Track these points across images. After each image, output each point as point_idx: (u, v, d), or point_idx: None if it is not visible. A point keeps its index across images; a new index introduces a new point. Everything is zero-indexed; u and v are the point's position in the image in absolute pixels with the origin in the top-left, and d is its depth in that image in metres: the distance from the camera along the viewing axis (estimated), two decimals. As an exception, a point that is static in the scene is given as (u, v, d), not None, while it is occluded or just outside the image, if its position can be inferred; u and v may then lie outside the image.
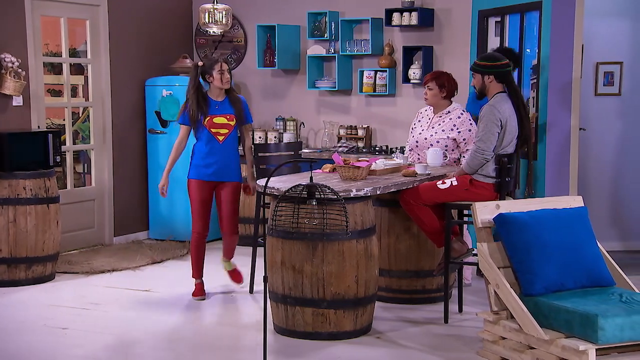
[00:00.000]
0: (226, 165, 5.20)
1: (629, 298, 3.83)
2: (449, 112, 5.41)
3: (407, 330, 4.62)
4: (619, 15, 6.53)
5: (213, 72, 5.12)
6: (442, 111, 5.43)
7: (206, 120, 5.13)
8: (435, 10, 6.74)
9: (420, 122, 5.54)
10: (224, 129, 5.17)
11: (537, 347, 3.80)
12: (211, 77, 5.13)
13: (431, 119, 5.46)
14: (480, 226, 4.16)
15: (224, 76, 5.13)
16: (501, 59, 4.78)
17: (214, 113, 5.16)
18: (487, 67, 4.76)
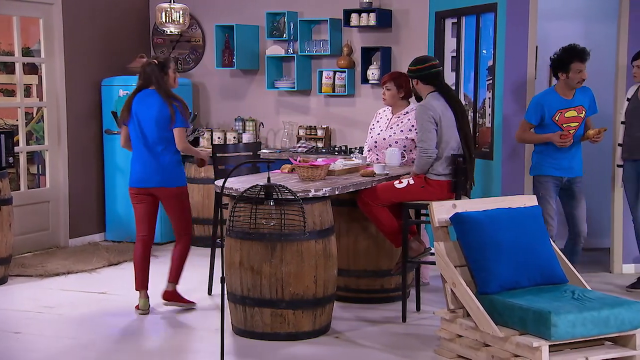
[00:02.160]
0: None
1: (581, 295, 3.91)
2: (407, 112, 5.45)
3: (365, 329, 4.64)
4: (572, 17, 6.64)
5: (169, 71, 4.92)
6: (400, 112, 5.47)
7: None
8: (393, 11, 6.79)
9: (379, 123, 5.57)
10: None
11: (493, 345, 3.85)
12: (166, 75, 4.90)
13: (390, 120, 5.50)
14: (437, 225, 4.20)
15: (176, 75, 5.00)
16: (424, 62, 4.84)
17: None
18: (412, 72, 4.89)
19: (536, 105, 5.25)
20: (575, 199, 5.31)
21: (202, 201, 6.86)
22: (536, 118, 5.24)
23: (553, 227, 5.24)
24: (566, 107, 5.21)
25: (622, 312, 3.77)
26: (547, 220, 5.10)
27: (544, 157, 5.25)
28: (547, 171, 5.23)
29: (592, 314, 3.71)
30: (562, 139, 5.14)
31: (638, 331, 3.79)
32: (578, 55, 5.17)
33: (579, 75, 5.16)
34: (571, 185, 5.28)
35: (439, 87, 4.81)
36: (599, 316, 3.72)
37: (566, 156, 5.22)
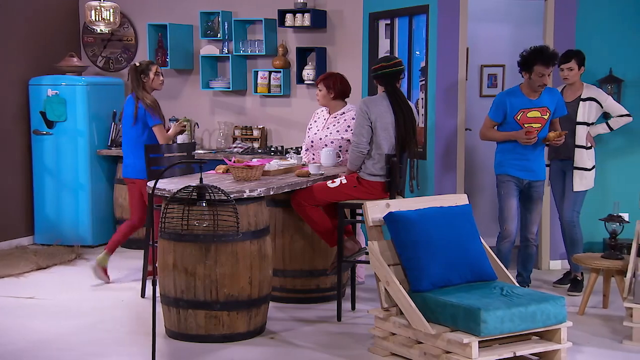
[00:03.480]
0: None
1: (509, 291, 4.01)
2: (343, 113, 5.48)
3: (300, 329, 4.65)
4: (501, 20, 6.81)
5: (150, 73, 5.54)
6: (337, 112, 5.50)
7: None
8: (328, 12, 6.82)
9: (316, 123, 5.60)
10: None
11: (425, 342, 3.91)
12: (147, 77, 5.53)
13: (326, 120, 5.53)
14: (371, 225, 4.24)
15: (158, 78, 5.60)
16: (378, 63, 4.90)
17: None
18: (370, 72, 4.92)
19: (499, 102, 5.15)
20: (532, 202, 5.21)
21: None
22: (498, 115, 5.14)
23: (512, 228, 5.13)
24: (529, 107, 5.06)
25: (548, 307, 3.88)
26: (507, 219, 5.11)
27: (506, 157, 5.14)
28: (509, 171, 5.13)
29: (519, 310, 3.81)
30: (527, 136, 5.00)
31: (563, 325, 3.91)
32: (542, 58, 5.00)
33: (540, 79, 5.01)
34: (530, 189, 5.17)
35: (389, 89, 4.85)
36: (526, 312, 3.82)
37: (528, 157, 5.10)
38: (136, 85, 5.52)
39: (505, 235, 5.15)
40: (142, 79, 5.51)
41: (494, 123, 5.19)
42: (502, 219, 5.16)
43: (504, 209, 5.13)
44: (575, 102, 5.45)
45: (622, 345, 4.32)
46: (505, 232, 5.14)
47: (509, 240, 5.14)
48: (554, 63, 5.06)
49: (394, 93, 4.83)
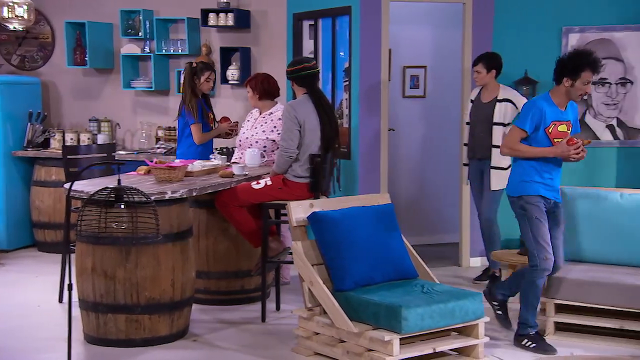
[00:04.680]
0: None
1: (430, 289, 4.09)
2: (271, 113, 5.49)
3: (224, 331, 4.62)
4: (422, 22, 6.95)
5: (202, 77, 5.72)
6: (266, 112, 5.51)
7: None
8: (252, 11, 6.80)
9: (248, 122, 5.59)
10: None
11: (348, 340, 3.95)
12: (198, 79, 5.71)
13: (257, 120, 5.52)
14: (295, 225, 4.25)
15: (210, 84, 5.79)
16: (297, 64, 4.90)
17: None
18: (287, 73, 4.93)
19: (535, 109, 4.23)
20: (559, 224, 4.43)
21: (54, 205, 6.56)
22: (531, 125, 4.23)
23: (551, 255, 4.27)
24: (561, 120, 4.28)
25: (467, 303, 3.98)
26: (546, 248, 4.24)
27: (533, 175, 4.28)
28: (540, 191, 4.28)
29: (439, 307, 3.89)
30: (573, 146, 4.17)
31: (480, 321, 4.02)
32: (592, 64, 4.21)
33: (584, 87, 4.22)
34: (556, 210, 4.39)
35: (310, 90, 4.85)
36: (446, 308, 3.91)
37: (554, 176, 4.33)
38: (186, 83, 5.70)
39: (545, 267, 4.25)
40: (193, 79, 5.67)
41: (523, 134, 4.26)
42: (538, 249, 4.24)
43: (538, 236, 4.24)
44: (492, 103, 5.61)
45: (536, 339, 4.47)
46: (546, 263, 4.24)
47: (549, 272, 4.31)
48: (600, 71, 4.44)
49: (317, 94, 4.86)
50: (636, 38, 5.84)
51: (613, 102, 5.99)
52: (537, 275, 4.25)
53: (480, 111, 5.67)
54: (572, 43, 6.00)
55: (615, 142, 6.01)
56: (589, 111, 6.04)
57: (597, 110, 6.02)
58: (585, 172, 6.03)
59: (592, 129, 6.03)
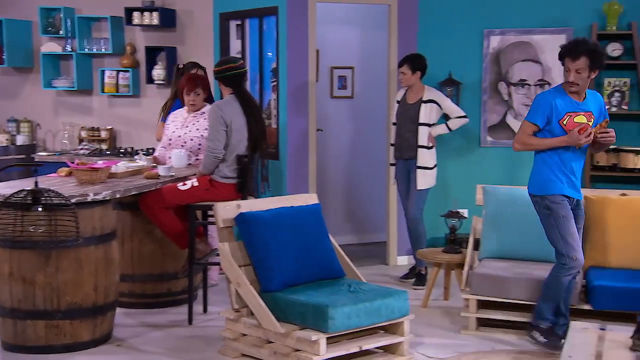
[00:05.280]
0: None
1: (356, 288, 4.12)
2: (203, 112, 5.44)
3: (149, 335, 4.55)
4: (350, 23, 7.00)
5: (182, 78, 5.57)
6: (196, 111, 5.45)
7: None
8: (177, 11, 6.71)
9: (175, 122, 5.49)
10: None
11: (275, 341, 3.94)
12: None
13: (186, 119, 5.45)
14: (222, 226, 4.22)
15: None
16: (223, 64, 4.88)
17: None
18: (214, 73, 4.89)
19: (542, 102, 4.13)
20: (579, 225, 4.30)
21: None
22: (542, 118, 4.13)
23: (580, 255, 4.17)
24: (576, 111, 4.13)
25: (392, 301, 4.03)
26: (575, 247, 4.13)
27: (556, 173, 4.17)
28: (564, 190, 4.17)
29: (365, 305, 3.92)
30: (583, 133, 4.02)
31: (405, 319, 4.07)
32: (569, 50, 4.07)
33: (566, 75, 4.10)
34: (576, 209, 4.27)
35: (237, 90, 4.82)
36: (372, 307, 3.94)
37: (576, 173, 4.21)
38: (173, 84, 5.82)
39: (575, 266, 4.15)
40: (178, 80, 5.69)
41: (535, 128, 4.17)
42: (567, 248, 4.15)
43: (567, 234, 4.14)
44: (417, 104, 5.70)
45: (459, 335, 4.57)
46: (575, 262, 4.14)
47: (578, 270, 4.22)
48: (578, 56, 4.04)
49: (243, 94, 4.83)
50: (553, 41, 6.04)
51: (532, 103, 6.17)
52: (564, 273, 4.16)
53: (406, 112, 5.76)
54: (494, 45, 6.16)
55: (535, 142, 6.19)
56: (509, 112, 6.21)
57: (518, 111, 6.20)
58: (505, 171, 6.21)
59: (512, 130, 6.20)
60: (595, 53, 4.02)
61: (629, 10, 5.89)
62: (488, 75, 6.19)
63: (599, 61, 4.04)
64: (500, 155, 6.24)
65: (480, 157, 6.27)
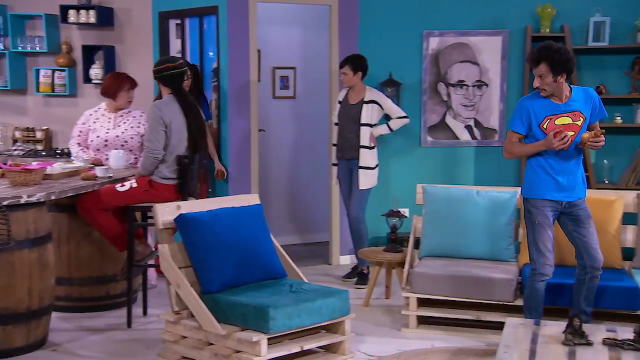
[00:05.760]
0: None
1: (298, 288, 4.12)
2: (130, 111, 5.36)
3: (86, 339, 4.45)
4: (291, 23, 7.00)
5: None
6: (121, 110, 5.37)
7: None
8: (115, 9, 6.59)
9: (99, 122, 5.38)
10: None
11: (216, 343, 3.91)
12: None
13: (113, 118, 5.35)
14: (162, 227, 4.16)
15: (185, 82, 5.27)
16: (161, 64, 4.82)
17: None
18: (153, 73, 4.83)
19: (520, 109, 4.13)
20: (582, 223, 4.17)
21: None
22: (523, 126, 4.12)
23: (550, 262, 4.15)
24: (557, 113, 4.09)
25: (334, 301, 4.04)
26: (545, 254, 4.12)
27: (540, 176, 4.14)
28: (546, 194, 4.12)
29: (307, 305, 3.92)
30: (557, 137, 3.99)
31: (346, 318, 4.09)
32: (530, 57, 4.09)
33: (535, 81, 4.08)
34: (573, 210, 4.16)
35: (175, 90, 4.76)
36: (313, 306, 3.94)
37: (565, 173, 4.12)
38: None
39: (543, 272, 4.14)
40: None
41: (519, 136, 4.16)
42: (537, 254, 4.14)
43: (539, 241, 4.13)
44: (359, 105, 5.74)
45: (400, 333, 4.62)
46: (543, 268, 4.14)
47: (547, 277, 4.18)
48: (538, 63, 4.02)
49: (182, 94, 4.78)
50: (491, 43, 6.17)
51: (470, 104, 6.29)
52: (536, 279, 4.15)
53: (347, 112, 5.79)
54: (433, 46, 6.25)
55: (473, 142, 6.32)
56: (449, 112, 6.31)
57: (457, 111, 6.30)
58: (445, 170, 6.30)
59: (452, 130, 6.30)
60: (553, 59, 3.98)
61: (562, 13, 6.05)
62: (428, 76, 6.28)
63: (561, 65, 3.99)
64: (440, 155, 6.33)
65: (420, 156, 6.35)
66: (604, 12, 5.95)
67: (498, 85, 6.21)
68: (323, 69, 6.57)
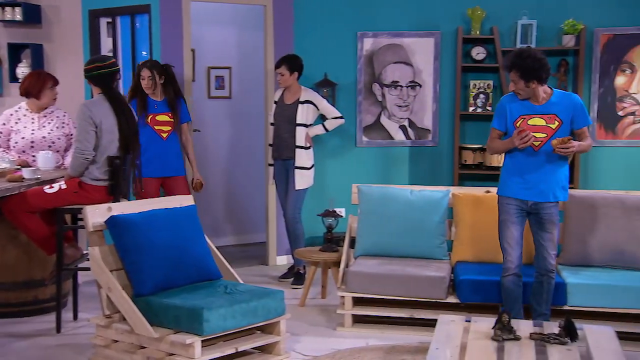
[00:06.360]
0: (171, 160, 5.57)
1: (233, 289, 4.09)
2: (52, 111, 5.25)
3: (13, 345, 4.32)
4: (227, 23, 6.95)
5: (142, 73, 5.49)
6: (44, 110, 5.24)
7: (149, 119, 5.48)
8: (43, 6, 6.42)
9: (22, 122, 5.23)
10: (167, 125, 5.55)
11: (148, 346, 3.84)
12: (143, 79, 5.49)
13: (37, 118, 5.22)
14: (92, 230, 4.07)
15: (144, 82, 5.48)
16: (91, 63, 4.73)
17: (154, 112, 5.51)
18: (84, 72, 4.74)
19: (499, 107, 4.34)
20: (543, 226, 4.25)
21: None
22: (500, 122, 4.30)
23: (513, 259, 4.25)
24: (531, 114, 4.22)
25: (269, 301, 4.03)
26: (506, 250, 4.27)
27: (509, 174, 4.28)
28: (510, 192, 4.26)
29: (241, 306, 3.90)
30: (519, 136, 4.12)
31: (282, 318, 4.08)
32: (504, 64, 4.25)
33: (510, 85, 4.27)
34: (539, 211, 4.24)
35: (106, 89, 4.66)
36: (248, 307, 3.92)
37: (533, 173, 4.21)
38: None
39: (505, 268, 4.28)
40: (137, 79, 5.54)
41: (499, 133, 4.34)
42: (502, 250, 4.32)
43: (502, 238, 4.28)
44: (294, 105, 5.74)
45: (335, 332, 4.64)
46: (505, 264, 4.29)
47: (510, 274, 4.27)
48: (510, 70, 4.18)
49: (113, 94, 4.69)
50: (423, 44, 6.26)
51: (405, 104, 6.37)
52: (502, 274, 4.30)
53: (283, 112, 5.78)
54: (367, 47, 6.30)
55: (407, 142, 6.40)
56: (384, 112, 6.37)
57: (391, 111, 6.37)
58: (381, 170, 6.36)
59: (387, 130, 6.37)
60: (522, 66, 4.10)
61: (491, 15, 6.18)
62: (362, 77, 6.32)
63: (530, 73, 4.11)
64: (376, 155, 6.38)
65: (356, 156, 6.39)
66: (531, 15, 6.11)
67: (431, 86, 6.31)
68: (258, 68, 6.54)
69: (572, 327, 3.48)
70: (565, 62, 6.13)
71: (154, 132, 5.51)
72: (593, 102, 6.17)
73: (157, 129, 5.53)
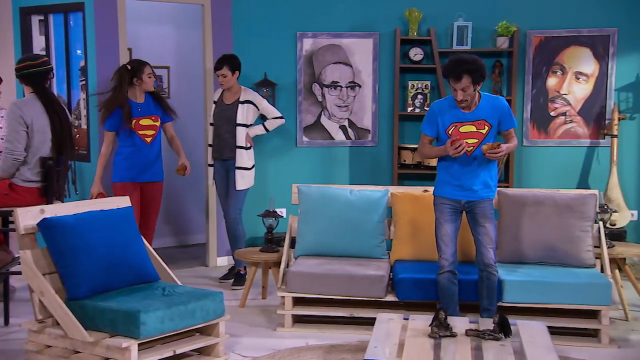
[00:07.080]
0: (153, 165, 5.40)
1: (171, 291, 4.03)
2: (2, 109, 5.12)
3: (-60, 354, 4.17)
4: (164, 22, 6.86)
5: (143, 76, 5.27)
6: None
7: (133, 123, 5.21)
8: (-29, 3, 6.22)
9: None
10: (151, 130, 5.32)
11: (83, 351, 3.76)
12: (140, 80, 5.26)
13: None
14: (23, 233, 3.96)
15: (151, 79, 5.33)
16: (21, 62, 4.62)
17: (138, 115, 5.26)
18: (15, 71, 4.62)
19: (429, 113, 4.38)
20: (478, 222, 4.35)
21: None
22: (431, 129, 4.36)
23: (447, 256, 4.34)
24: (462, 121, 4.29)
25: (207, 303, 3.99)
26: (440, 248, 4.37)
27: (442, 175, 4.39)
28: (444, 192, 4.38)
29: (179, 309, 3.85)
30: (453, 146, 4.20)
31: (221, 319, 4.05)
32: (451, 71, 4.19)
33: (454, 94, 4.25)
34: (472, 208, 4.36)
35: (38, 89, 4.54)
36: (186, 309, 3.88)
37: (466, 175, 4.32)
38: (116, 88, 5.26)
39: (439, 265, 4.38)
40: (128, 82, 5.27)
41: (429, 138, 4.41)
42: (437, 247, 4.41)
43: (437, 236, 4.39)
44: (235, 105, 5.70)
45: (276, 332, 4.62)
46: (439, 262, 4.37)
47: (445, 270, 4.35)
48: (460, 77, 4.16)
49: (45, 93, 4.58)
50: (362, 44, 6.30)
51: (344, 104, 6.40)
52: (438, 272, 4.37)
53: (223, 112, 5.74)
54: (307, 48, 6.30)
55: (348, 142, 6.43)
56: (324, 113, 6.39)
57: (331, 112, 6.39)
58: (321, 170, 6.38)
59: (327, 130, 6.39)
60: (474, 71, 4.16)
61: (428, 17, 6.27)
62: (302, 77, 6.33)
63: (480, 76, 4.20)
64: (316, 155, 6.40)
65: (296, 156, 6.39)
66: (467, 17, 6.22)
67: (371, 86, 6.36)
68: (197, 68, 6.48)
69: (505, 323, 3.56)
70: (499, 63, 6.27)
71: (138, 137, 5.34)
72: (526, 103, 6.32)
73: (141, 133, 5.34)
